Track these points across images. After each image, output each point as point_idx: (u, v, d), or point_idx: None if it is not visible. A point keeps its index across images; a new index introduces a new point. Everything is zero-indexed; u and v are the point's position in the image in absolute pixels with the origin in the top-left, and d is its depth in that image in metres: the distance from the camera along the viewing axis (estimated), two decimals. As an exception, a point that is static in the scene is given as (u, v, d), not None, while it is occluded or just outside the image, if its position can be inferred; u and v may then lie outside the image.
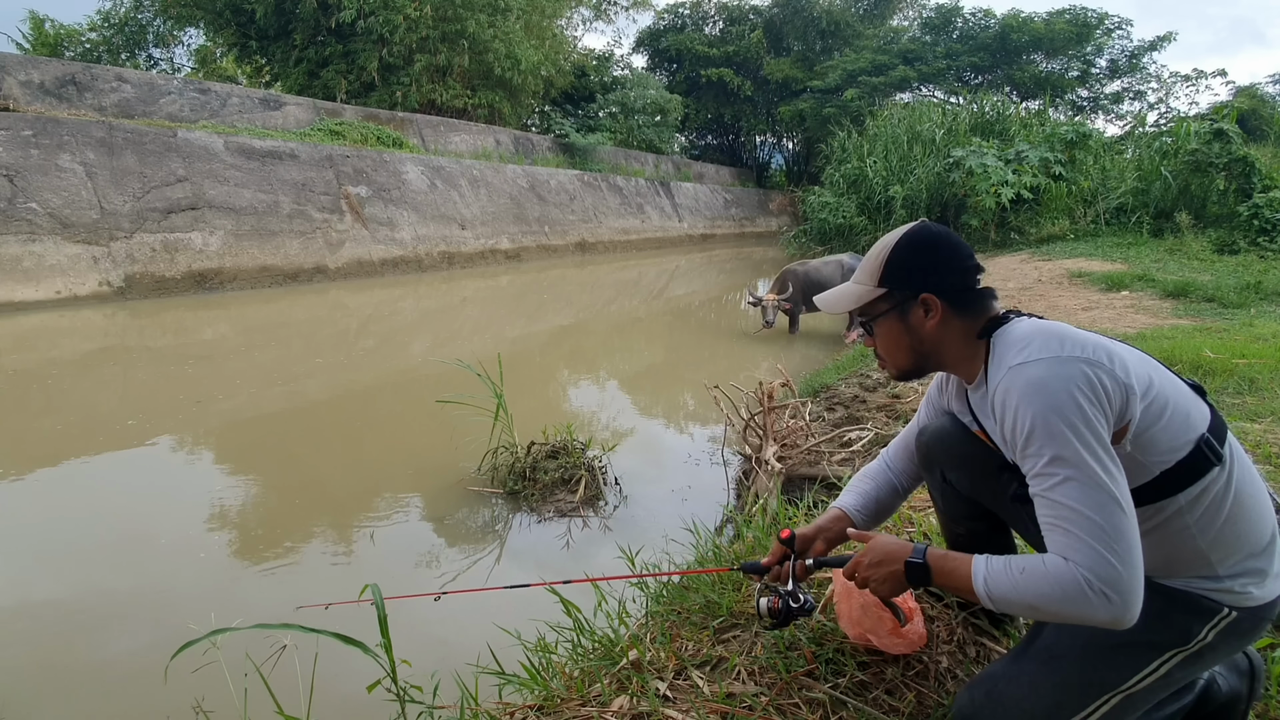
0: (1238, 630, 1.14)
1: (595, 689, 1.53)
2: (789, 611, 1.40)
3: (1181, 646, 1.13)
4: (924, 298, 1.27)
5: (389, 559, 3.04)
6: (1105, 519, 1.02)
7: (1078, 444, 1.04)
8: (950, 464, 1.51)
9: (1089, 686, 1.16)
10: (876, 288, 1.32)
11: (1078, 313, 6.64)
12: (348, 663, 1.68)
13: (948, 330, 1.28)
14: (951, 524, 1.64)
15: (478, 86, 18.64)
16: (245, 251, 10.30)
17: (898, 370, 1.36)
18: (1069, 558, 1.04)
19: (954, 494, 1.55)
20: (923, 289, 1.27)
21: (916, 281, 1.28)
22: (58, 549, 3.05)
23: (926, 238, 1.30)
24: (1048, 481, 1.07)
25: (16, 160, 8.44)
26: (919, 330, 1.29)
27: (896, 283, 1.29)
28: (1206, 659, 1.16)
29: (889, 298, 1.31)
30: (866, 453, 3.69)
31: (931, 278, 1.27)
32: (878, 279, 1.31)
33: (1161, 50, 26.51)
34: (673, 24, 31.73)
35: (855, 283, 1.36)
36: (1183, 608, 1.14)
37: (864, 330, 1.40)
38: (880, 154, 14.77)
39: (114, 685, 2.23)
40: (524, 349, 7.76)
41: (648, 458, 4.41)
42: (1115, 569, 1.01)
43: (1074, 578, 1.02)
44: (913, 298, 1.28)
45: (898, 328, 1.31)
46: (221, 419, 4.92)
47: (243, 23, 17.18)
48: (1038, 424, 1.07)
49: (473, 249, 14.43)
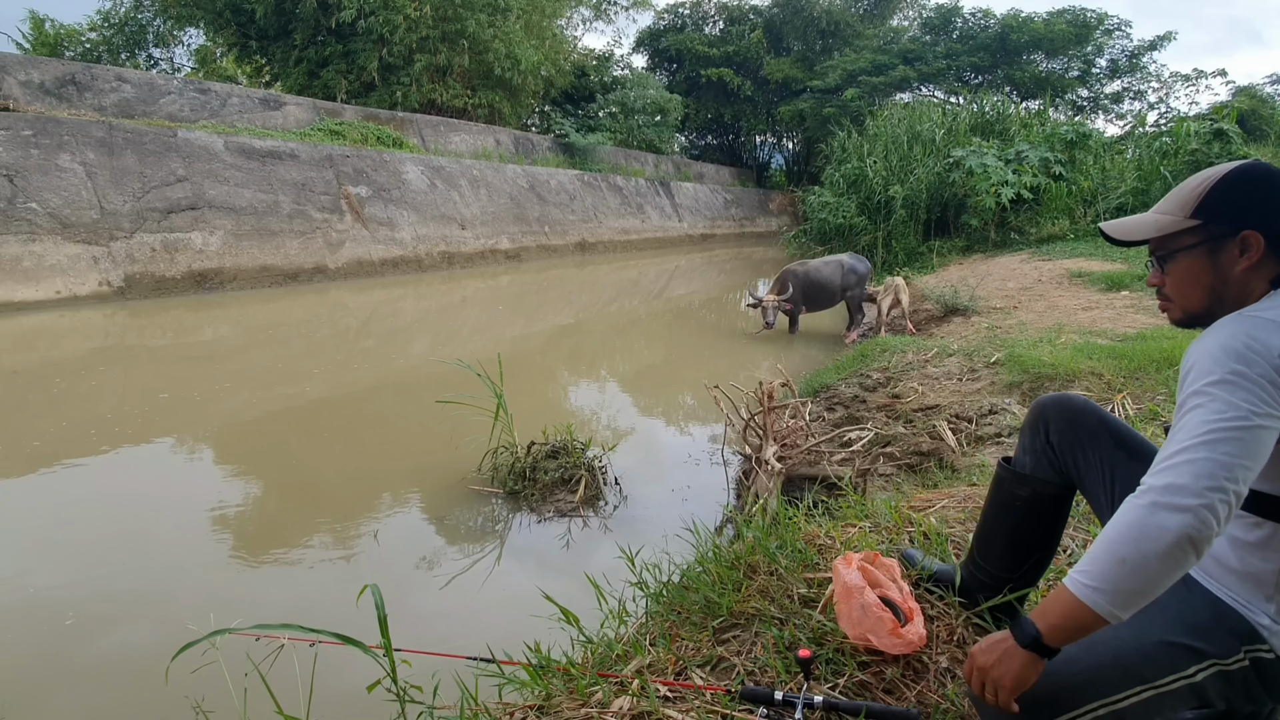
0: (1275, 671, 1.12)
1: (595, 689, 1.53)
2: None
3: (1220, 659, 1.11)
4: (1245, 235, 1.17)
5: (389, 559, 3.04)
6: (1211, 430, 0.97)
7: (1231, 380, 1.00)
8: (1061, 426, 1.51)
9: (1125, 673, 1.13)
10: (1189, 218, 1.22)
11: (1078, 313, 6.64)
12: (348, 663, 1.68)
13: (1256, 274, 1.18)
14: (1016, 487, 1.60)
15: (478, 86, 18.64)
16: (245, 251, 10.30)
17: (1185, 313, 1.27)
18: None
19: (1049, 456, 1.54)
20: (1246, 225, 1.17)
21: (1241, 217, 1.18)
22: (58, 549, 3.05)
23: (1262, 173, 1.20)
24: (1180, 411, 1.03)
25: (16, 160, 8.44)
26: (1227, 270, 1.20)
27: (1216, 216, 1.20)
28: (1237, 687, 1.13)
29: (1202, 230, 1.21)
30: (866, 452, 3.69)
31: (1260, 215, 1.18)
32: (1191, 210, 1.22)
33: (1162, 50, 26.48)
34: (673, 24, 31.72)
35: (1159, 212, 1.26)
36: (1231, 626, 1.13)
37: (1155, 264, 1.29)
38: (880, 154, 14.75)
39: (114, 685, 2.23)
40: (524, 349, 7.76)
41: (648, 458, 4.41)
42: (1175, 475, 0.97)
43: (1132, 502, 0.99)
44: (1232, 234, 1.19)
45: (1203, 264, 1.22)
46: (222, 419, 4.92)
47: (243, 23, 17.17)
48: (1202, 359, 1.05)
49: (473, 249, 14.43)
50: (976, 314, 7.08)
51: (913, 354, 5.28)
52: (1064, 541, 2.08)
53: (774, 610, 1.77)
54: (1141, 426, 3.17)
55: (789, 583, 1.88)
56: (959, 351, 5.18)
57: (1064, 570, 1.92)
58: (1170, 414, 3.26)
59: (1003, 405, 3.80)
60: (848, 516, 2.34)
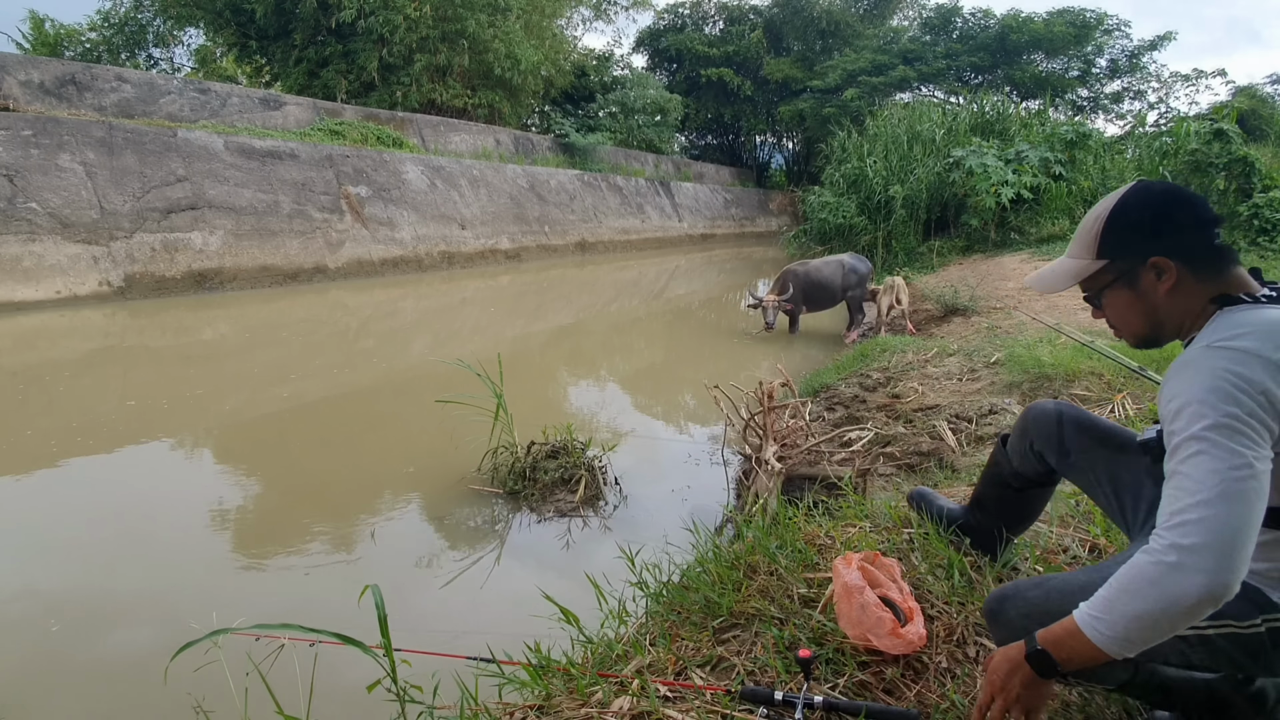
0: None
1: (595, 689, 1.53)
2: None
3: (1236, 621, 1.12)
4: (1153, 261, 1.18)
5: (389, 558, 3.04)
6: (1212, 490, 0.97)
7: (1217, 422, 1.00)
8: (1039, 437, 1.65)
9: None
10: (1095, 260, 1.24)
11: (1078, 312, 6.64)
12: (348, 663, 1.68)
13: (1184, 293, 1.18)
14: (995, 487, 1.83)
15: (478, 86, 18.63)
16: (245, 251, 10.30)
17: (1135, 338, 1.27)
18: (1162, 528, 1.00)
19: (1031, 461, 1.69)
20: (1150, 253, 1.18)
21: (1143, 246, 1.19)
22: (58, 548, 3.05)
23: (1147, 198, 1.20)
24: (1178, 454, 1.03)
25: (16, 160, 8.44)
26: (1153, 296, 1.20)
27: (1117, 252, 1.21)
28: (1252, 652, 1.15)
29: (1111, 268, 1.23)
30: (866, 452, 3.69)
31: (1159, 240, 1.18)
32: (1095, 251, 1.24)
33: (1162, 49, 26.48)
34: (673, 24, 31.71)
35: (1070, 257, 1.28)
36: (1250, 597, 1.12)
37: (1088, 301, 1.31)
38: (880, 154, 14.75)
39: (114, 684, 2.23)
40: (524, 349, 7.76)
41: (648, 457, 4.40)
42: (1196, 534, 0.96)
43: (1151, 558, 0.99)
44: (1140, 263, 1.19)
45: (1129, 296, 1.23)
46: (222, 419, 4.92)
47: (242, 22, 17.17)
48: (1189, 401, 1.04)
49: (473, 249, 14.43)
50: (976, 314, 7.08)
51: (913, 354, 5.28)
52: (1065, 542, 2.08)
53: (774, 610, 1.77)
54: (1140, 427, 3.17)
55: (789, 583, 1.88)
56: (959, 351, 5.18)
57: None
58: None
59: (1003, 405, 3.81)
60: (848, 516, 2.34)
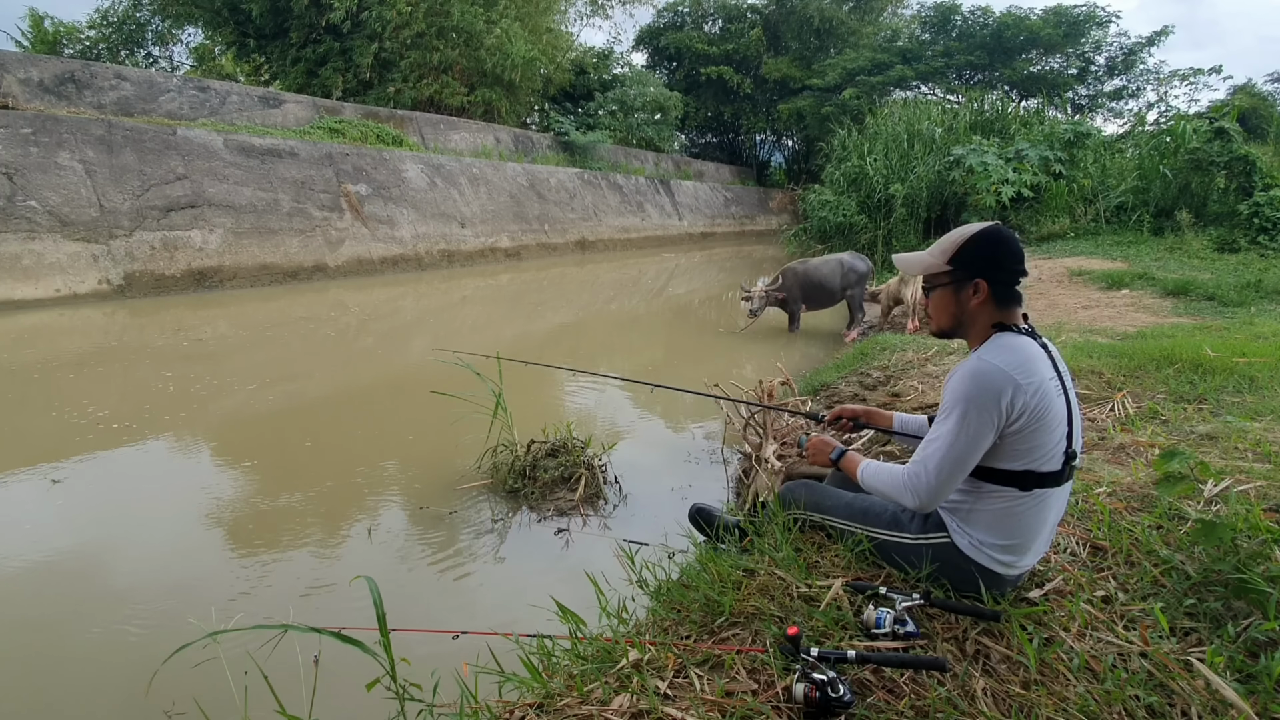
0: (949, 554, 1.76)
1: (595, 688, 1.53)
2: (826, 702, 1.38)
3: (922, 535, 1.82)
4: (977, 281, 1.68)
5: (388, 556, 3.04)
6: (945, 456, 1.63)
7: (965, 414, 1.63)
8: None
9: (853, 514, 1.98)
10: (945, 264, 1.72)
11: (1078, 311, 6.64)
12: (348, 661, 1.68)
13: (983, 312, 1.70)
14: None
15: (476, 84, 18.60)
16: (245, 249, 10.29)
17: (939, 329, 1.80)
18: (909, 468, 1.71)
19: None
20: (978, 275, 1.68)
21: (976, 268, 1.68)
22: (58, 547, 3.05)
23: (996, 238, 1.69)
24: (938, 419, 1.69)
25: (16, 158, 8.43)
26: (965, 304, 1.71)
27: (962, 264, 1.70)
28: (942, 559, 1.79)
29: (952, 274, 1.72)
30: (866, 450, 3.68)
31: (988, 270, 1.68)
32: (948, 258, 1.71)
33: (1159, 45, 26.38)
34: (672, 22, 31.66)
35: (930, 255, 1.75)
36: (935, 521, 1.81)
37: (923, 292, 1.82)
38: (880, 152, 14.73)
39: (114, 683, 2.23)
40: (524, 347, 7.75)
41: (647, 456, 4.40)
42: (928, 482, 1.67)
43: (904, 478, 1.72)
44: (968, 279, 1.69)
45: (951, 298, 1.73)
46: (221, 417, 4.92)
47: (240, 21, 17.16)
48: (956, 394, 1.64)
49: (473, 247, 14.42)
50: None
51: (913, 352, 5.27)
52: (1063, 541, 2.08)
53: (774, 609, 1.77)
54: (1141, 425, 3.18)
55: (789, 582, 1.88)
56: (959, 350, 5.18)
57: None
58: (1170, 412, 3.29)
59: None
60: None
